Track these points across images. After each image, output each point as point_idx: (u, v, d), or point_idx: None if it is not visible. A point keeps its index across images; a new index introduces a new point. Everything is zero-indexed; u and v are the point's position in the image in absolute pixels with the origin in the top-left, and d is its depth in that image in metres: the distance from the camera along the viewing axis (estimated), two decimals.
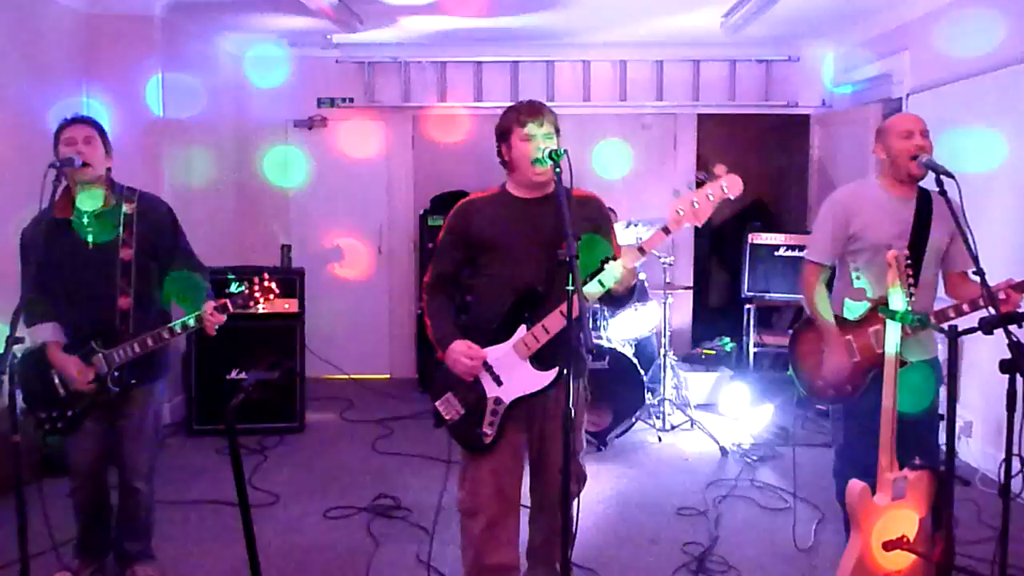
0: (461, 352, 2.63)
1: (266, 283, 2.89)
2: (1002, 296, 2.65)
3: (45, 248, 2.81)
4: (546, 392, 2.63)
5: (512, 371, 2.63)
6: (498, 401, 2.64)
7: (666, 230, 2.48)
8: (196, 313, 2.90)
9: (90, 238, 2.93)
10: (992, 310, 2.50)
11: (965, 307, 2.75)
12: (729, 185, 2.44)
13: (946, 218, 2.84)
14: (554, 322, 2.54)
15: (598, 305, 2.58)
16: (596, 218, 2.74)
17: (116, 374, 2.94)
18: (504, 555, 2.77)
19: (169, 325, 2.93)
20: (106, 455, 3.10)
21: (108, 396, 2.94)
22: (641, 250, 2.52)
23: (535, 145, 2.58)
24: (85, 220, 2.93)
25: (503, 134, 2.68)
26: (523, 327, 2.61)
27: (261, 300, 2.90)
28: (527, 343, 2.60)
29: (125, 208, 2.98)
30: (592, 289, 2.52)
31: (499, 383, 2.64)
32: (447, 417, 2.71)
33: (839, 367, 2.98)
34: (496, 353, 2.64)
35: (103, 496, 3.16)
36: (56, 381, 2.95)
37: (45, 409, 2.96)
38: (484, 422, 2.65)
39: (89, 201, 2.95)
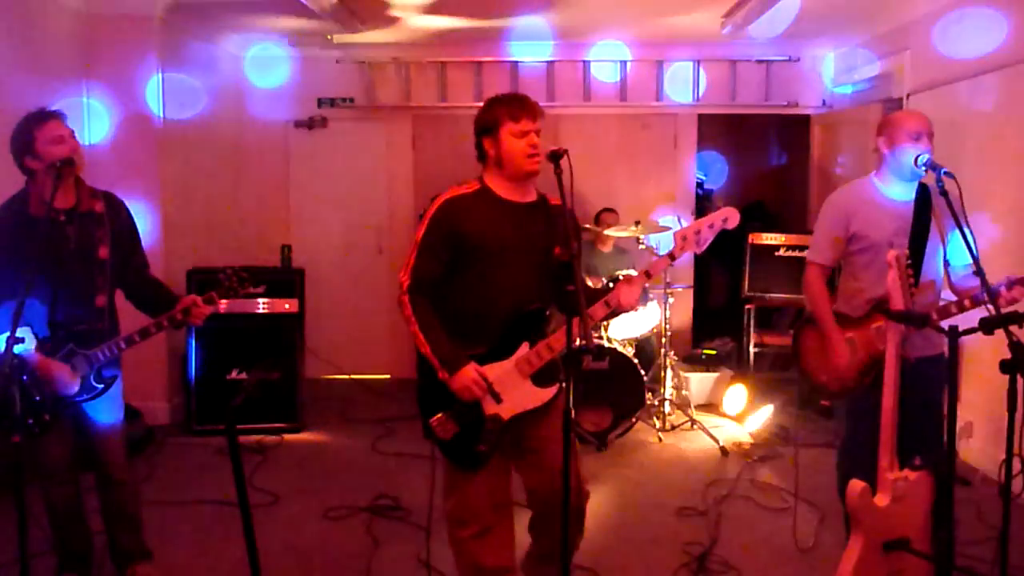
0: (473, 381, 2.51)
1: (241, 274, 2.95)
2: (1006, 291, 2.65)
3: (25, 246, 2.75)
4: (545, 407, 2.60)
5: (512, 389, 2.57)
6: (496, 419, 2.58)
7: (671, 256, 2.56)
8: (184, 307, 2.91)
9: (71, 236, 2.91)
10: (992, 308, 2.50)
11: (967, 303, 2.75)
12: (728, 217, 2.58)
13: (945, 212, 2.85)
14: (558, 341, 2.51)
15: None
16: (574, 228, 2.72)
17: (105, 372, 2.94)
18: (501, 557, 2.75)
19: (156, 320, 2.92)
20: (77, 452, 3.06)
21: (91, 396, 2.92)
22: (647, 274, 2.56)
23: (529, 142, 2.52)
24: (64, 218, 2.90)
25: (490, 128, 2.57)
26: (526, 345, 2.56)
27: (238, 288, 2.93)
28: (531, 361, 2.55)
29: (96, 207, 2.98)
30: (598, 309, 2.53)
31: (498, 400, 2.57)
32: (441, 436, 2.61)
33: (840, 367, 2.98)
34: (496, 371, 2.56)
35: (79, 495, 3.10)
36: (28, 385, 2.85)
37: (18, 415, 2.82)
38: (480, 440, 2.58)
39: (64, 198, 2.92)
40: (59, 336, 2.90)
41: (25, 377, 2.84)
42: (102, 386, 2.94)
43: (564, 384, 2.29)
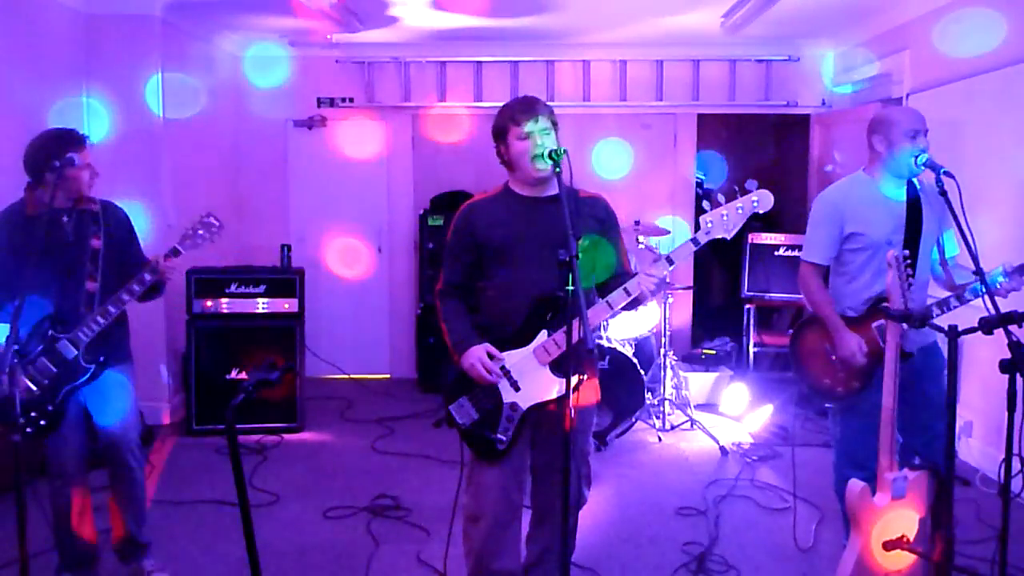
0: (479, 358, 2.57)
1: (208, 218, 3.06)
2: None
3: (25, 243, 2.83)
4: (563, 399, 2.60)
5: (530, 377, 2.58)
6: (514, 407, 2.60)
7: (695, 242, 2.50)
8: (149, 266, 2.94)
9: (70, 231, 2.97)
10: (988, 301, 2.50)
11: (967, 296, 2.75)
12: (760, 200, 2.50)
13: (935, 204, 2.85)
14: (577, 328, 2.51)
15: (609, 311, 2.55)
16: (603, 219, 2.71)
17: (97, 355, 2.96)
18: (508, 560, 2.74)
19: (126, 286, 2.93)
20: (88, 452, 3.08)
21: (84, 378, 2.94)
22: (670, 260, 2.52)
23: (533, 142, 2.56)
24: (64, 217, 2.97)
25: (499, 134, 2.65)
26: (544, 332, 2.57)
27: (204, 234, 3.04)
28: (548, 349, 2.56)
29: (92, 207, 3.06)
30: (618, 297, 2.50)
31: (516, 389, 2.60)
32: (460, 422, 2.66)
33: (852, 358, 2.92)
34: (514, 358, 2.59)
35: (87, 498, 3.10)
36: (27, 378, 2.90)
37: (22, 410, 2.83)
38: (499, 428, 2.61)
39: (63, 200, 2.97)
40: (44, 326, 2.93)
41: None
42: (93, 366, 2.95)
43: (581, 377, 2.28)
